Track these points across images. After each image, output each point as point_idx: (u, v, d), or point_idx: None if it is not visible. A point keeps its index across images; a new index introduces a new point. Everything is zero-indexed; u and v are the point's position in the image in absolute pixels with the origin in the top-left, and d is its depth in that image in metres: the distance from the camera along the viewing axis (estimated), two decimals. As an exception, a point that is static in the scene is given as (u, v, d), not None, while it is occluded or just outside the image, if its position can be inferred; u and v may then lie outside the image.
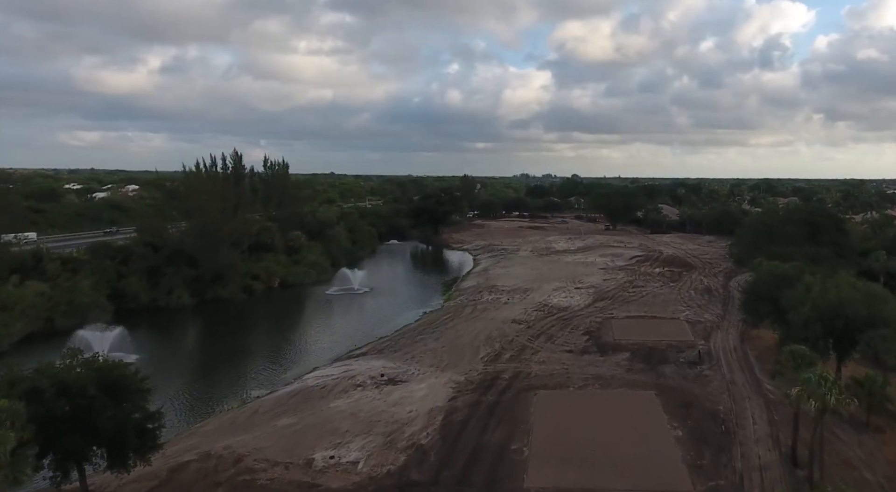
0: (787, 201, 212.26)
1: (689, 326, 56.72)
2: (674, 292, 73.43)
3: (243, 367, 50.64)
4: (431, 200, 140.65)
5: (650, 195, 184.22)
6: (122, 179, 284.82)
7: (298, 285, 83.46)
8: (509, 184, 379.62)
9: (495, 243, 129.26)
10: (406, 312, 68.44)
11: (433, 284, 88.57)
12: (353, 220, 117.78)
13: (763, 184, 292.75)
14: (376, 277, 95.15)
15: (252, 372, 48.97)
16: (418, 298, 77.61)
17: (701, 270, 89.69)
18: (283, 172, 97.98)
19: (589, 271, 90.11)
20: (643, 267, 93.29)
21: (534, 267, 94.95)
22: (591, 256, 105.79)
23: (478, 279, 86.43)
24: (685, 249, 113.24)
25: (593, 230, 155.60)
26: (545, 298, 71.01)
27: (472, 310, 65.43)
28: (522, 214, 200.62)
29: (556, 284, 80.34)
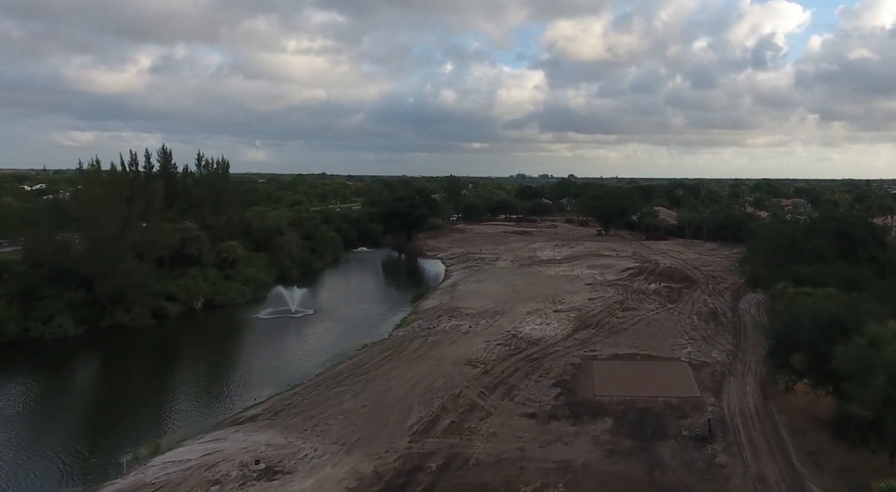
0: (792, 202, 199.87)
1: (693, 370, 43.70)
2: (672, 317, 60.44)
3: (95, 430, 37.53)
4: (405, 202, 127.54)
5: (646, 197, 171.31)
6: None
7: (228, 306, 70.26)
8: (501, 185, 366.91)
9: (473, 251, 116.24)
10: (342, 345, 55.41)
11: (391, 303, 75.51)
12: (312, 225, 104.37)
13: (764, 184, 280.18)
14: (326, 294, 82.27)
15: (102, 439, 35.77)
16: (366, 323, 64.55)
17: (704, 287, 76.74)
18: (221, 173, 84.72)
19: (573, 288, 77.10)
20: (636, 282, 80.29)
21: (510, 282, 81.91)
22: (578, 268, 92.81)
23: (441, 298, 73.38)
24: (685, 259, 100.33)
25: (584, 236, 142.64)
26: (515, 326, 58.03)
27: (422, 344, 52.38)
28: (509, 217, 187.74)
29: (532, 305, 67.38)
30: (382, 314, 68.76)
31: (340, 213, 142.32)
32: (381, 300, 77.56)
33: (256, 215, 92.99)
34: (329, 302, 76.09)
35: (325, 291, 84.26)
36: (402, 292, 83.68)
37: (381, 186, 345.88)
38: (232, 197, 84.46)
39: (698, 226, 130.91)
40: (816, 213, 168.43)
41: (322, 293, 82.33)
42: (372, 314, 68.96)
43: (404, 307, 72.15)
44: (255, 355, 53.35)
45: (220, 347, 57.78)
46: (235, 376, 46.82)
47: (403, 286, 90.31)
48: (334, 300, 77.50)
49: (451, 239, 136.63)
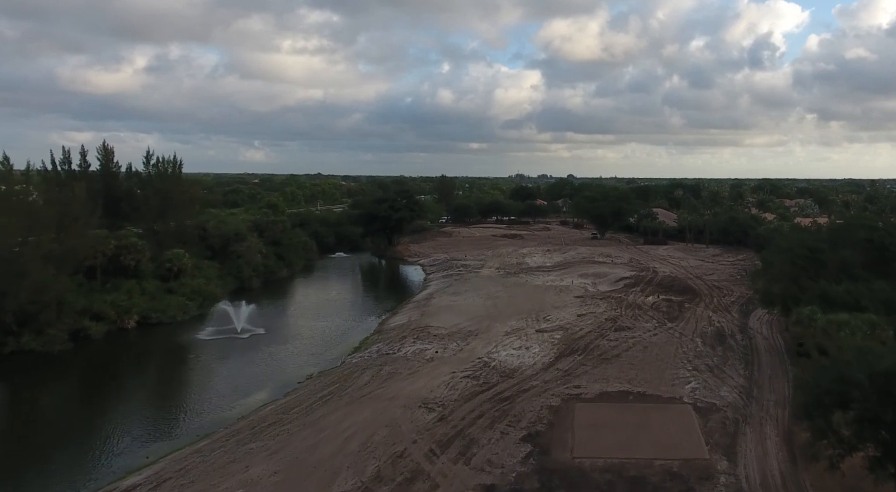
0: (796, 203, 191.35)
1: (699, 416, 35.24)
2: (672, 340, 51.96)
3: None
4: (385, 204, 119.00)
5: (644, 198, 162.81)
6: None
7: (167, 324, 61.65)
8: (496, 185, 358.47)
9: (457, 257, 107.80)
10: (284, 375, 47.06)
11: (357, 319, 66.99)
12: (279, 229, 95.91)
13: (766, 185, 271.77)
14: (285, 308, 73.87)
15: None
16: (321, 345, 56.10)
17: (708, 300, 68.30)
18: (172, 173, 76.07)
19: (561, 301, 68.66)
20: (632, 294, 71.81)
21: (491, 294, 73.44)
22: (569, 277, 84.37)
23: (411, 314, 64.92)
24: (686, 267, 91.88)
25: (578, 239, 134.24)
26: (489, 351, 49.59)
27: (374, 376, 43.90)
28: (501, 219, 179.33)
29: (512, 323, 58.98)
30: (342, 333, 60.27)
31: (318, 215, 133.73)
32: (346, 315, 69.01)
33: (215, 220, 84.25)
34: (286, 318, 67.65)
35: (285, 305, 75.76)
36: (372, 306, 75.15)
37: (373, 187, 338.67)
38: (184, 199, 75.70)
39: (699, 229, 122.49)
40: (823, 214, 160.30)
41: (280, 307, 73.88)
42: (330, 333, 60.44)
43: (370, 324, 63.74)
44: (174, 391, 44.84)
45: (134, 380, 48.93)
46: (135, 423, 38.17)
47: (376, 298, 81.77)
48: (292, 316, 69.00)
49: (436, 243, 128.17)
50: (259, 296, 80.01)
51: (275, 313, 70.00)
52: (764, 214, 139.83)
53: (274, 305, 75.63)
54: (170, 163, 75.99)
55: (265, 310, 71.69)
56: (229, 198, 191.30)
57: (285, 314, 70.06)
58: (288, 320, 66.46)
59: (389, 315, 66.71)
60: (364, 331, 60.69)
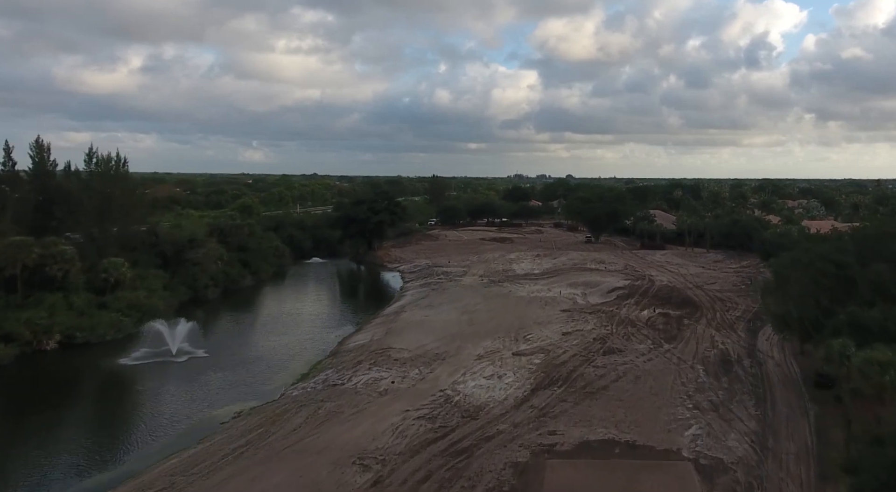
0: (798, 204, 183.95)
1: (702, 479, 27.86)
2: (670, 367, 44.57)
3: None
4: (363, 206, 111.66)
5: (641, 199, 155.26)
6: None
7: (95, 345, 54.09)
8: (492, 185, 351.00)
9: (440, 263, 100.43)
10: (210, 411, 39.79)
11: (315, 337, 59.60)
12: (244, 234, 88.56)
13: (768, 185, 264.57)
14: (238, 324, 66.59)
15: None
16: (266, 370, 48.78)
17: (710, 315, 60.93)
18: (117, 172, 68.57)
19: (546, 316, 61.30)
20: (625, 308, 64.43)
21: (469, 307, 66.08)
22: (558, 286, 76.97)
23: (375, 332, 57.53)
24: (685, 275, 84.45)
25: (571, 243, 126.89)
26: (455, 381, 42.24)
27: (310, 417, 36.49)
28: (492, 221, 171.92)
29: (487, 343, 51.62)
30: (294, 355, 52.93)
31: (295, 218, 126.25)
32: (305, 331, 61.63)
33: (168, 224, 76.83)
34: (236, 336, 60.23)
35: (240, 319, 68.35)
36: (337, 319, 67.73)
37: (365, 187, 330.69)
38: (128, 202, 68.22)
39: (700, 232, 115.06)
40: (829, 215, 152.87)
41: (234, 322, 66.57)
42: (281, 355, 53.07)
43: (329, 342, 56.42)
44: (53, 436, 37.15)
45: (27, 420, 41.07)
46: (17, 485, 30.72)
47: (343, 310, 74.31)
48: (244, 332, 61.57)
49: (419, 247, 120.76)
50: (215, 308, 72.89)
51: (225, 330, 62.80)
52: (767, 215, 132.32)
53: (228, 319, 68.43)
54: (113, 161, 68.36)
55: (216, 325, 64.66)
56: (212, 199, 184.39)
57: (237, 331, 62.68)
58: (237, 339, 59.03)
59: (352, 332, 59.34)
60: (319, 352, 53.41)
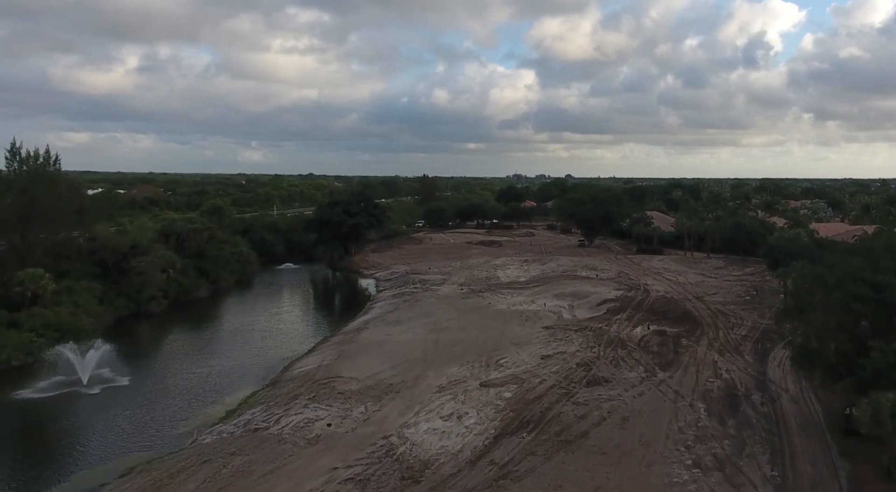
0: (802, 204, 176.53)
1: None
2: (665, 405, 37.05)
3: None
4: (338, 207, 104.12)
5: (638, 199, 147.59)
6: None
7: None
8: (487, 185, 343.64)
9: (419, 270, 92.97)
10: (100, 464, 32.32)
11: (260, 361, 51.92)
12: (202, 238, 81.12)
13: (770, 185, 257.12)
14: (174, 343, 59.06)
15: None
16: (185, 406, 41.27)
17: (712, 334, 53.42)
18: (45, 171, 60.98)
19: (526, 334, 53.83)
20: (615, 324, 56.90)
21: (441, 323, 58.59)
22: (543, 298, 69.51)
23: (327, 354, 50.03)
24: (684, 284, 76.92)
25: (563, 247, 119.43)
26: (405, 423, 34.79)
27: (210, 478, 28.91)
28: (483, 223, 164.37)
29: (454, 369, 44.18)
30: (228, 385, 45.39)
31: (267, 221, 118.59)
32: (250, 353, 53.97)
33: (109, 230, 69.33)
34: (169, 359, 52.62)
35: (181, 338, 60.70)
36: (292, 337, 60.04)
37: (359, 187, 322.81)
38: (57, 205, 60.66)
39: (700, 235, 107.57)
40: (836, 216, 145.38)
41: (172, 342, 58.98)
42: (213, 385, 45.55)
43: (273, 367, 48.93)
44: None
45: None
46: None
47: (305, 325, 66.59)
48: (180, 355, 53.92)
49: (401, 252, 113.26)
50: (160, 323, 65.50)
51: (160, 351, 55.33)
52: (771, 217, 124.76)
53: (169, 337, 60.94)
54: (42, 158, 60.77)
55: (153, 345, 57.42)
56: (193, 200, 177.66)
57: (174, 352, 55.09)
58: (171, 362, 51.45)
59: (302, 354, 51.80)
60: (259, 380, 45.93)
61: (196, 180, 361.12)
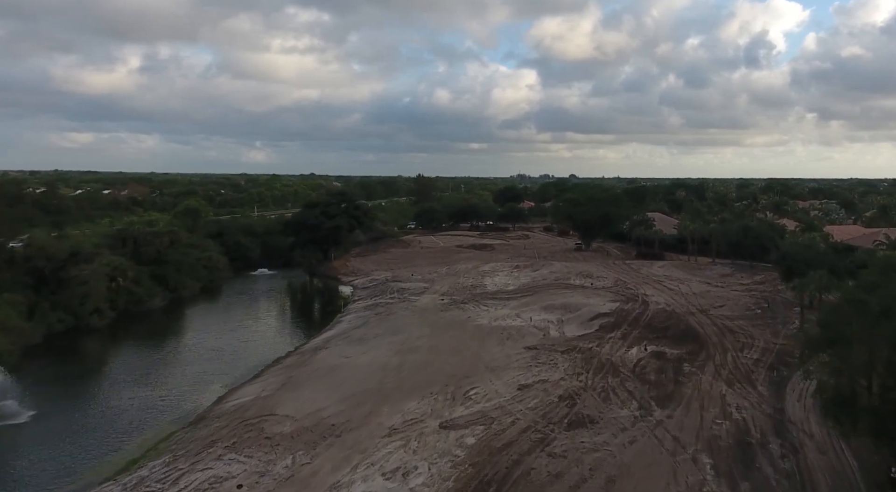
0: (810, 205, 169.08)
1: None
2: (661, 459, 29.92)
3: None
4: (316, 209, 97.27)
5: (639, 200, 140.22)
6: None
7: None
8: (485, 185, 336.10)
9: (401, 277, 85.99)
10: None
11: (196, 388, 45.14)
12: (163, 243, 74.34)
13: (776, 185, 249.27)
14: (107, 365, 52.26)
15: None
16: (87, 452, 34.42)
17: (719, 356, 46.22)
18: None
19: (504, 356, 46.79)
20: (608, 344, 49.75)
21: (409, 342, 51.57)
22: (530, 310, 62.44)
23: (270, 383, 43.07)
24: (687, 294, 69.68)
25: (558, 250, 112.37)
26: (338, 483, 27.83)
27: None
28: (477, 224, 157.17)
29: (412, 404, 37.23)
30: (146, 421, 38.56)
31: (243, 223, 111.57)
32: (189, 379, 47.03)
33: (47, 236, 62.56)
34: (91, 386, 45.78)
35: (115, 360, 53.82)
36: (243, 358, 52.86)
37: (356, 187, 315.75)
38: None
39: (705, 239, 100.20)
40: (850, 217, 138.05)
41: (104, 364, 52.09)
42: (129, 421, 38.72)
43: (206, 400, 42.00)
44: None
45: None
46: None
47: (263, 342, 59.30)
48: (105, 381, 47.02)
49: (385, 257, 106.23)
50: (101, 340, 58.80)
51: (82, 376, 48.45)
52: (780, 219, 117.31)
53: (100, 357, 54.06)
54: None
55: (81, 368, 50.56)
56: (181, 201, 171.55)
57: (98, 377, 48.23)
58: (89, 390, 44.62)
59: (244, 382, 44.82)
60: (182, 416, 39.04)
61: (193, 180, 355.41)
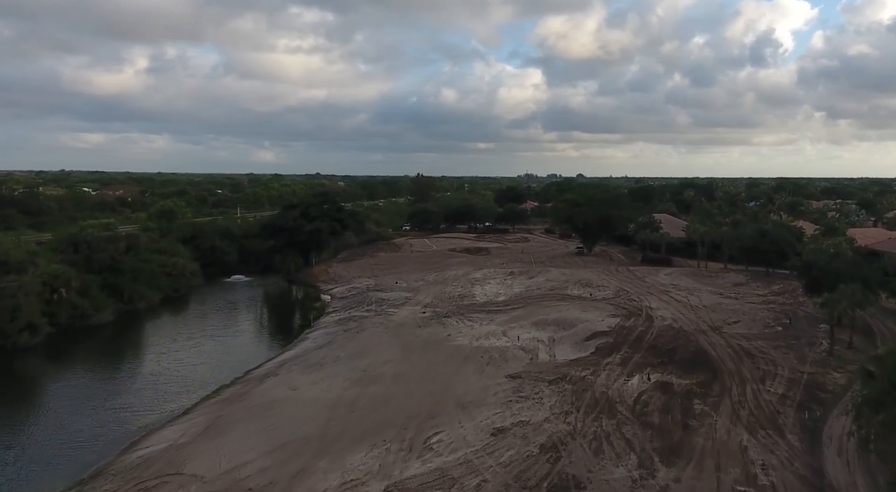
0: (824, 205, 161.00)
1: None
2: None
3: None
4: (295, 211, 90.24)
5: (646, 200, 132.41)
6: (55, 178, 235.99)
7: None
8: (494, 185, 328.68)
9: (384, 284, 78.86)
10: None
11: (98, 439, 38.00)
12: (118, 248, 67.45)
13: (789, 184, 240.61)
14: (11, 397, 45.08)
15: None
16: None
17: (737, 391, 38.66)
18: None
19: (481, 388, 39.47)
20: (605, 371, 42.29)
21: (373, 368, 44.30)
22: (519, 327, 55.05)
23: (198, 422, 35.92)
24: (696, 307, 62.08)
25: (558, 255, 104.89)
26: None
27: None
28: (475, 226, 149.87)
29: (355, 459, 29.99)
30: (18, 485, 31.44)
31: (220, 225, 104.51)
32: (102, 419, 39.65)
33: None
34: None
35: (24, 390, 46.69)
36: (179, 389, 45.71)
37: (354, 187, 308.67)
38: None
39: (715, 243, 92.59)
40: (870, 219, 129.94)
41: (10, 396, 44.89)
42: (4, 479, 31.62)
43: (116, 444, 34.87)
44: None
45: None
46: None
47: (209, 367, 51.61)
48: (5, 416, 40.01)
49: (371, 262, 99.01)
50: (21, 363, 51.77)
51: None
52: (796, 221, 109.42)
53: (14, 386, 46.96)
54: None
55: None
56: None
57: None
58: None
59: (167, 421, 37.63)
60: (74, 470, 31.93)
61: (195, 180, 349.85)
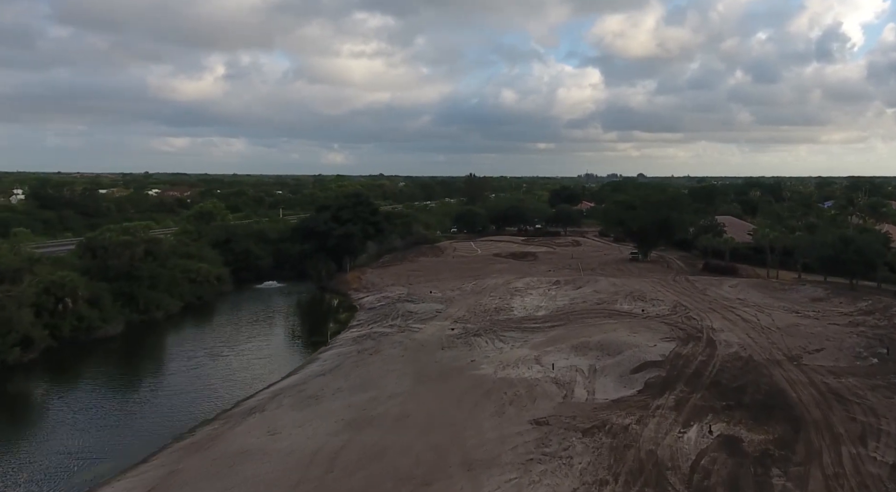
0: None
1: None
2: None
3: None
4: (326, 213, 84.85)
5: (707, 201, 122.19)
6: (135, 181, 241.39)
7: None
8: (548, 186, 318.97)
9: (419, 293, 72.63)
10: None
11: (61, 477, 32.62)
12: (136, 255, 63.21)
13: (865, 183, 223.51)
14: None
15: None
16: None
17: (830, 456, 30.18)
18: None
19: (498, 440, 32.31)
20: (655, 417, 34.48)
21: (374, 405, 37.75)
22: (556, 350, 47.56)
23: (151, 476, 30.00)
24: (768, 329, 53.19)
25: (611, 261, 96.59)
26: None
27: None
28: (525, 228, 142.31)
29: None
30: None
31: (256, 229, 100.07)
32: (63, 460, 34.56)
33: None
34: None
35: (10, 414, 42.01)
36: (155, 424, 40.18)
37: (413, 188, 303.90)
38: None
39: (787, 250, 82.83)
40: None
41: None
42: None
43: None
44: None
45: None
46: None
47: (202, 395, 45.67)
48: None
49: (409, 267, 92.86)
50: (12, 384, 47.19)
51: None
52: (879, 224, 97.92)
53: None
54: None
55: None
56: (230, 201, 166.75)
57: None
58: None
59: (114, 476, 31.81)
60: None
61: (264, 181, 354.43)
